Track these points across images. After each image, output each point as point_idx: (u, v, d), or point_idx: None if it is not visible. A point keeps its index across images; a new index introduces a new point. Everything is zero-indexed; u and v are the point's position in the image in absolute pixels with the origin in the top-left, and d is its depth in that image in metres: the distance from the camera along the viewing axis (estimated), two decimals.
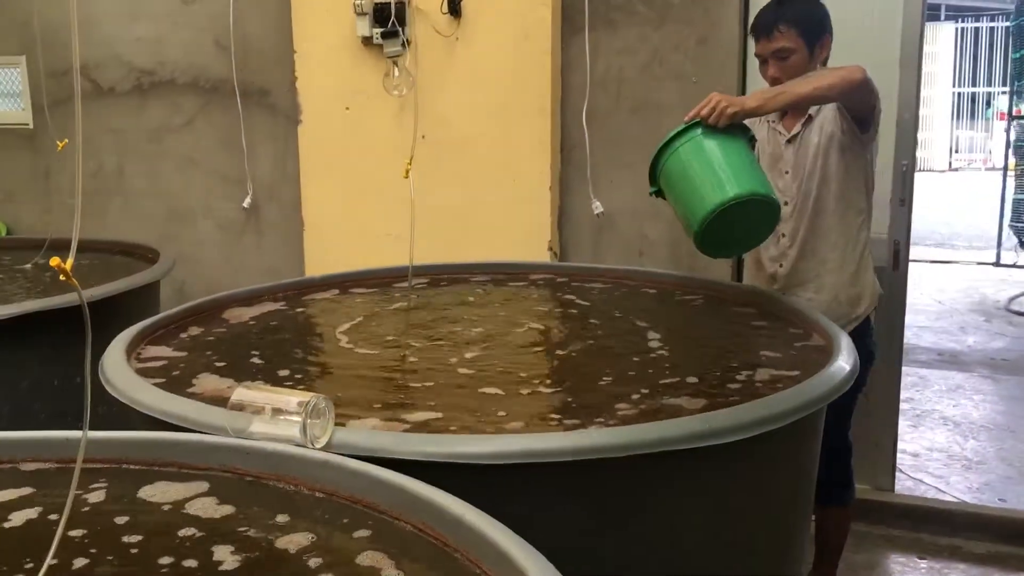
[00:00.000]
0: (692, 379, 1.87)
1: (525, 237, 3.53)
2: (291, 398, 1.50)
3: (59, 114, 4.22)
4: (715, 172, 2.14)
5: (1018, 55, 8.48)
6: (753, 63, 3.39)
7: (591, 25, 3.40)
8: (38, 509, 1.30)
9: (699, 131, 2.18)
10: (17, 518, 1.28)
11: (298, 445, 1.43)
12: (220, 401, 1.59)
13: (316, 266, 3.79)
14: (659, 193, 2.29)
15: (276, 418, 1.49)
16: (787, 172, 2.54)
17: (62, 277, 1.10)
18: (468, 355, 2.08)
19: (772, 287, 2.60)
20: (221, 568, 1.13)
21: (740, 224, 2.17)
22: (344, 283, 2.74)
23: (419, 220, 3.62)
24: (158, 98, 4.14)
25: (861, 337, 2.03)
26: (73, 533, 1.22)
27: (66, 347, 2.15)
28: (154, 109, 4.16)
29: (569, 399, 1.80)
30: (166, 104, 4.13)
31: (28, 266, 3.23)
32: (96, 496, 1.34)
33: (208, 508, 1.30)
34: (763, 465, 1.68)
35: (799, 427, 1.67)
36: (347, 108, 3.65)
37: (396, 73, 2.51)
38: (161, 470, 1.44)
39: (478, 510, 1.20)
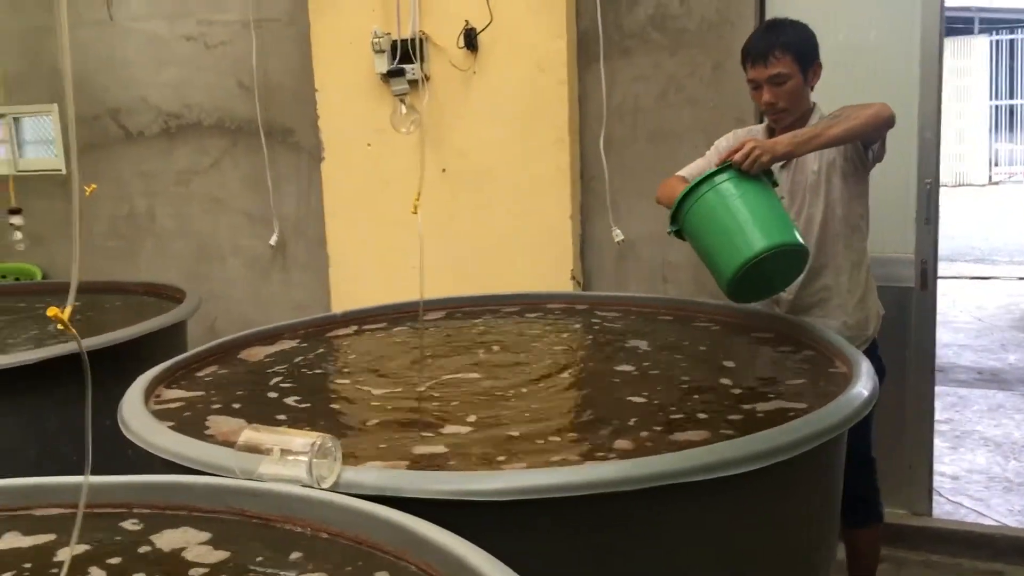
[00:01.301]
0: (714, 407, 1.85)
1: (548, 266, 3.54)
2: (298, 439, 1.51)
3: (90, 159, 4.34)
4: (748, 222, 2.16)
5: None
6: None
7: (606, 54, 3.41)
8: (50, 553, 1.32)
9: (728, 176, 2.20)
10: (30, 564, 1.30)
11: (305, 486, 1.44)
12: (231, 443, 1.60)
13: (342, 300, 3.82)
14: (678, 233, 2.30)
15: (284, 459, 1.50)
16: (782, 197, 2.51)
17: (59, 326, 1.12)
18: (484, 389, 2.08)
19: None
20: None
21: (770, 271, 2.19)
22: (363, 319, 2.75)
23: (440, 252, 3.65)
24: (185, 141, 4.22)
25: (870, 357, 2.01)
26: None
27: (93, 389, 2.19)
28: (181, 151, 4.24)
29: (586, 428, 1.79)
30: (193, 146, 4.21)
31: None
32: (103, 539, 1.35)
33: (210, 552, 1.31)
34: (783, 494, 1.66)
35: (820, 453, 1.64)
36: (368, 144, 3.69)
37: (403, 110, 2.51)
38: (171, 514, 1.45)
39: (481, 551, 1.19)
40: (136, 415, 1.81)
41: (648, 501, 1.44)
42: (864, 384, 1.81)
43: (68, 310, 1.13)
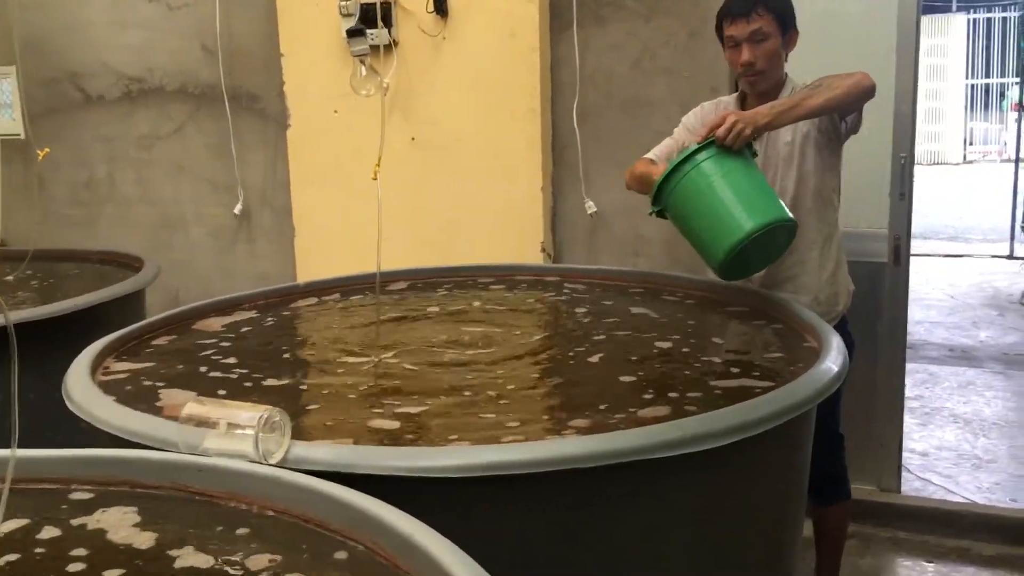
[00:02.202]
0: (682, 382, 1.80)
1: (518, 238, 3.47)
2: (245, 412, 1.44)
3: (49, 124, 4.21)
4: (736, 201, 2.10)
5: None
6: None
7: (579, 21, 3.33)
8: None
9: (711, 154, 2.13)
10: None
11: (252, 461, 1.38)
12: (177, 416, 1.53)
13: (307, 272, 3.74)
14: (660, 214, 2.23)
15: (230, 433, 1.43)
16: None
17: None
18: (444, 362, 2.02)
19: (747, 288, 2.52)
20: None
21: (759, 248, 2.14)
22: (324, 289, 2.68)
23: (408, 223, 3.58)
24: (147, 106, 4.10)
25: (840, 332, 1.98)
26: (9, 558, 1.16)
27: (44, 360, 2.11)
28: (143, 117, 4.12)
29: (552, 405, 1.74)
30: (155, 111, 4.09)
31: (10, 278, 3.19)
32: (37, 515, 1.28)
33: (139, 532, 1.25)
34: (751, 471, 1.61)
35: (788, 429, 1.59)
36: (335, 111, 3.59)
37: (363, 72, 2.42)
38: (113, 490, 1.38)
39: (431, 530, 1.14)
40: (80, 387, 1.74)
41: (607, 478, 1.39)
42: (833, 360, 1.77)
43: None
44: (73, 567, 1.14)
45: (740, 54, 2.38)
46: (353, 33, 2.70)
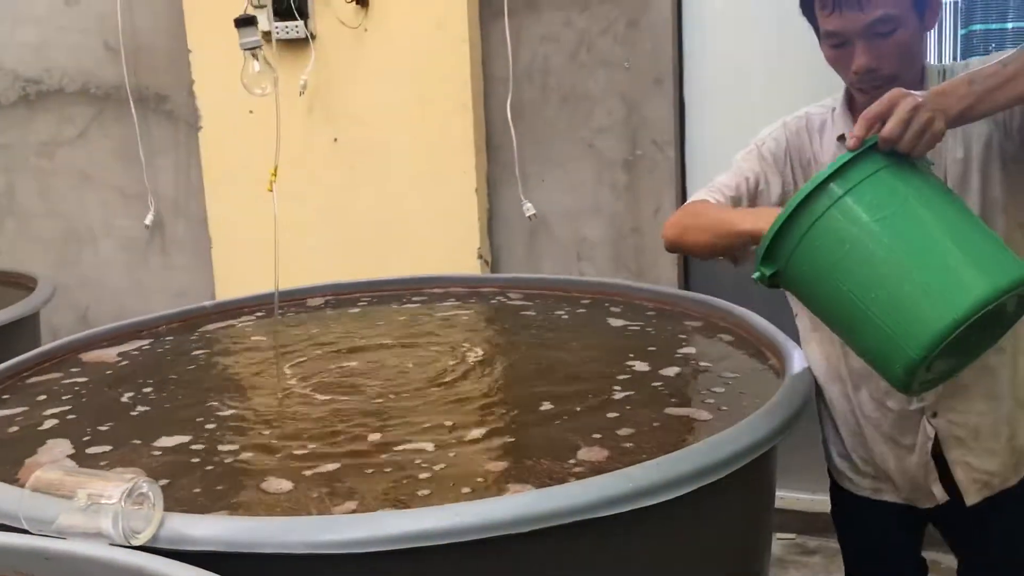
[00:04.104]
0: (629, 413, 1.58)
1: (453, 244, 3.23)
2: (108, 481, 1.18)
3: None
4: (940, 245, 1.26)
5: (966, 31, 8.35)
6: (695, 43, 3.11)
7: (511, 10, 3.09)
8: None
9: (875, 167, 1.29)
10: None
11: (112, 543, 1.12)
12: (28, 484, 1.26)
13: (227, 286, 3.46)
14: (774, 277, 1.37)
15: (91, 506, 1.17)
16: None
17: None
18: (369, 394, 1.78)
19: (892, 406, 1.66)
20: None
21: (973, 334, 1.27)
22: (236, 309, 2.41)
23: (334, 230, 3.32)
24: (46, 109, 3.77)
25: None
26: None
27: None
28: (43, 121, 3.79)
29: (477, 446, 1.50)
30: (56, 115, 3.77)
31: None
32: None
33: None
34: (709, 519, 1.40)
35: (752, 469, 1.38)
36: (251, 112, 3.30)
37: (256, 68, 2.15)
38: None
39: None
40: None
41: (540, 543, 1.16)
42: (797, 383, 1.55)
43: None
44: None
45: (852, 56, 1.52)
46: (242, 22, 2.45)
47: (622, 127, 3.10)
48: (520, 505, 1.17)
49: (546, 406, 1.65)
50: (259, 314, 2.41)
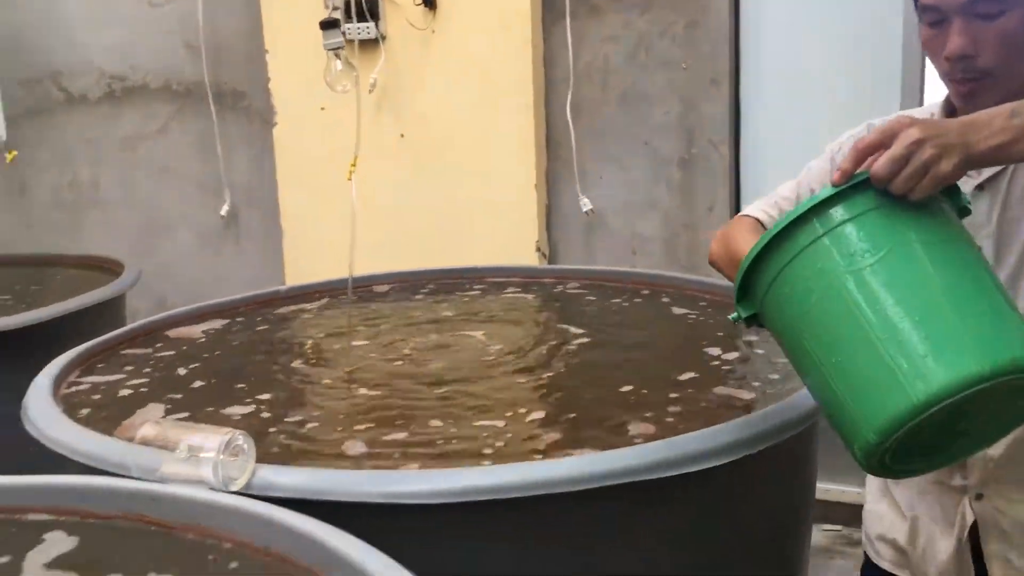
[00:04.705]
0: (681, 395, 1.68)
1: (512, 238, 3.36)
2: (204, 434, 1.33)
3: (31, 126, 4.10)
4: (915, 312, 1.02)
5: None
6: (750, 45, 3.19)
7: (573, 12, 3.21)
8: None
9: (863, 208, 1.07)
10: None
11: (212, 488, 1.26)
12: (132, 437, 1.41)
13: (296, 275, 3.62)
14: (752, 320, 1.20)
15: (190, 457, 1.32)
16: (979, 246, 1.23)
17: None
18: (432, 373, 1.91)
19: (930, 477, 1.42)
20: None
21: (969, 417, 1.08)
22: (309, 293, 2.57)
23: (397, 223, 3.47)
24: (131, 105, 3.99)
25: None
26: None
27: (14, 373, 2.01)
28: (127, 116, 4.00)
29: (534, 421, 1.62)
30: (139, 111, 3.98)
31: None
32: None
33: (100, 562, 1.14)
34: (749, 491, 1.50)
35: (790, 445, 1.48)
36: (323, 108, 3.48)
37: (339, 67, 2.30)
38: (61, 519, 1.27)
39: (394, 564, 1.03)
40: (37, 404, 1.63)
41: (590, 503, 1.28)
42: None
43: None
44: None
45: (946, 38, 1.28)
46: (326, 25, 2.58)
47: (678, 126, 3.20)
48: (571, 466, 1.28)
49: (611, 385, 1.76)
50: (328, 299, 2.56)
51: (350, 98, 3.36)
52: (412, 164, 3.42)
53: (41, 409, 1.59)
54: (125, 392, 1.84)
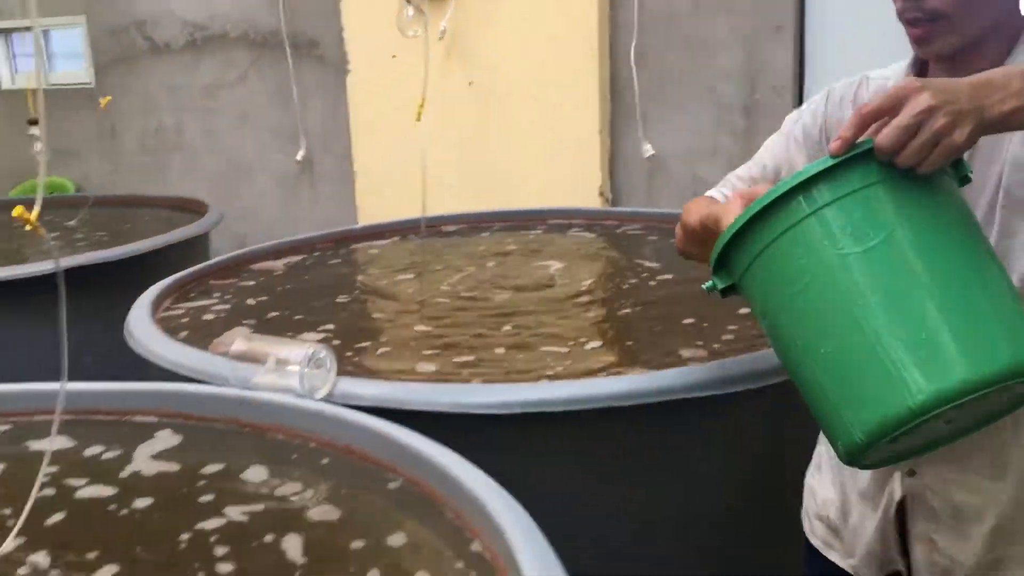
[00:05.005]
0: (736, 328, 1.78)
1: (576, 182, 3.45)
2: (292, 349, 1.47)
3: (118, 73, 4.30)
4: (913, 315, 0.91)
5: None
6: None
7: None
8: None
9: (866, 182, 0.94)
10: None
11: (298, 395, 1.41)
12: (228, 352, 1.57)
13: (367, 217, 3.78)
14: (730, 290, 1.08)
15: (278, 369, 1.47)
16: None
17: (27, 227, 1.08)
18: (498, 305, 2.03)
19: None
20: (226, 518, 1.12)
21: (961, 411, 0.94)
22: (381, 233, 2.71)
23: (465, 167, 3.58)
24: (211, 54, 4.16)
25: None
26: (76, 482, 1.22)
27: (111, 301, 2.21)
28: (208, 65, 4.18)
29: (596, 347, 1.73)
30: (219, 59, 4.15)
31: (72, 223, 3.29)
32: (93, 449, 1.34)
33: (201, 456, 1.30)
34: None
35: None
36: (394, 56, 3.59)
37: (410, 13, 2.40)
38: (166, 420, 1.44)
39: (469, 463, 1.16)
40: (140, 325, 1.79)
41: (641, 418, 1.39)
42: None
43: (36, 211, 1.09)
44: (126, 492, 1.20)
45: None
46: None
47: (742, 73, 3.23)
48: (623, 383, 1.40)
49: (672, 318, 1.86)
50: (399, 237, 2.70)
51: (421, 46, 3.47)
52: (479, 110, 3.52)
53: (144, 329, 1.76)
54: (212, 316, 2.00)
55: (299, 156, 4.04)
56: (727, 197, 1.32)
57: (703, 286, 1.11)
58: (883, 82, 1.24)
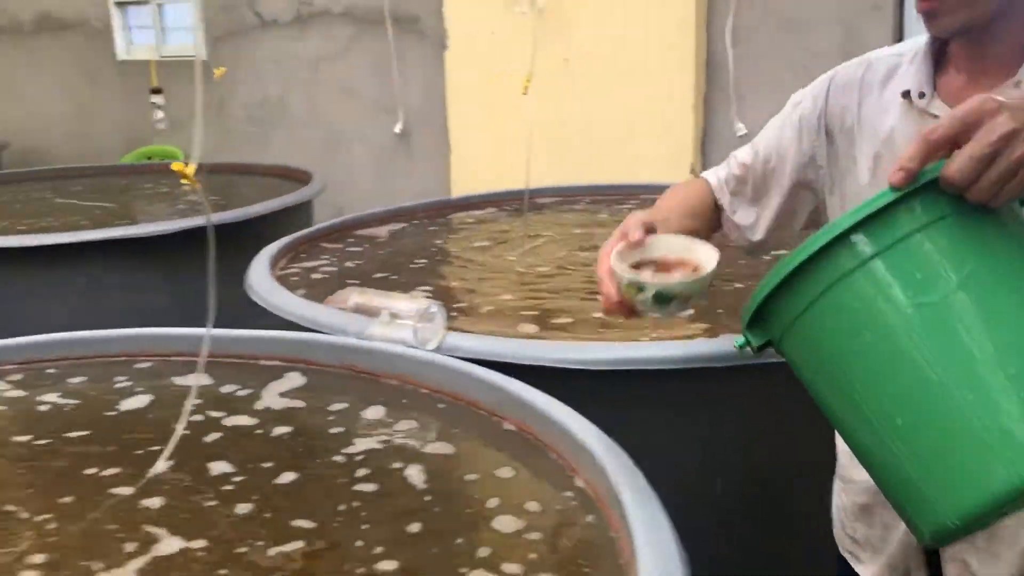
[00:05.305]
0: None
1: (667, 158, 3.50)
2: (405, 303, 1.59)
3: (228, 46, 4.50)
4: (1009, 374, 0.76)
5: None
6: None
7: None
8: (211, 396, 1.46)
9: (929, 218, 0.80)
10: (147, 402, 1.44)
11: (410, 346, 1.52)
12: (346, 307, 1.70)
13: (461, 189, 3.89)
14: (767, 347, 0.93)
15: (392, 322, 1.59)
16: None
17: (184, 181, 1.21)
18: (589, 275, 2.12)
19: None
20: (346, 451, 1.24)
21: None
22: (475, 204, 2.83)
23: (559, 143, 3.66)
24: (316, 28, 4.32)
25: None
26: (217, 413, 1.36)
27: (230, 259, 2.38)
28: (312, 39, 4.34)
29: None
30: (323, 34, 4.31)
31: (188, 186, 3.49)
32: (228, 387, 1.48)
33: (324, 397, 1.42)
34: None
35: None
36: (492, 32, 3.69)
37: None
38: (290, 365, 1.57)
39: (568, 408, 1.25)
40: (262, 281, 1.94)
41: (727, 378, 1.47)
42: None
43: (192, 167, 1.22)
44: (265, 421, 1.33)
45: None
46: None
47: (838, 51, 3.23)
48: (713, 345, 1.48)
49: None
50: (495, 209, 2.81)
51: (518, 23, 3.57)
52: (574, 86, 3.60)
53: (266, 285, 1.90)
54: (321, 276, 2.14)
55: (397, 129, 4.18)
56: (720, 180, 1.31)
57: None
58: (895, 59, 1.15)
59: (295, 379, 1.50)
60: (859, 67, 1.20)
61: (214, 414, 1.36)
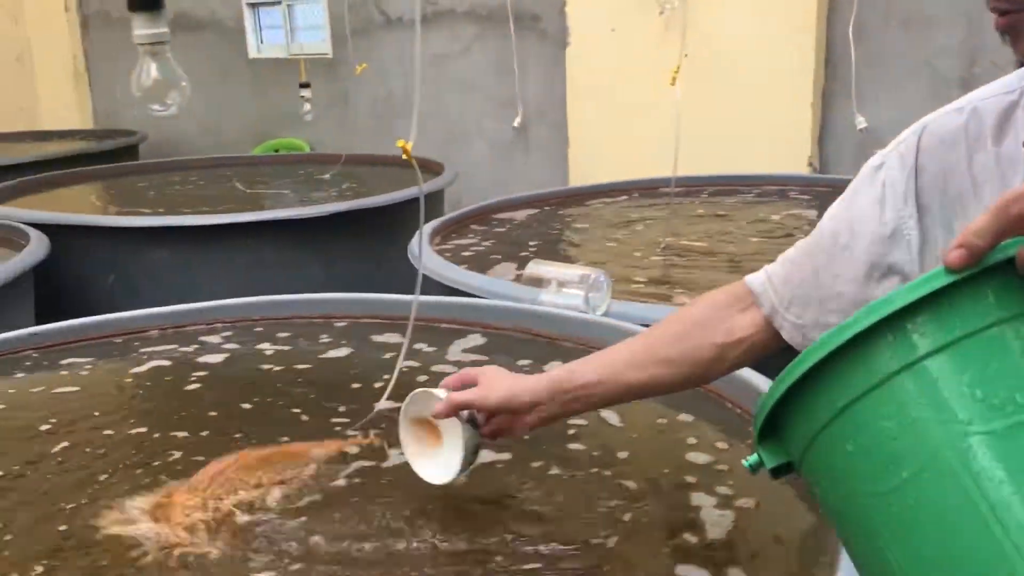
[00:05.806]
0: None
1: (786, 152, 3.58)
2: (576, 272, 1.75)
3: (355, 44, 4.73)
4: None
5: None
6: None
7: None
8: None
9: (1011, 318, 0.56)
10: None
11: (580, 312, 1.68)
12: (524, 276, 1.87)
13: (578, 180, 4.03)
14: (781, 470, 0.68)
15: (561, 290, 1.75)
16: None
17: (404, 156, 1.38)
18: (726, 253, 2.25)
19: None
20: None
21: None
22: (607, 192, 2.98)
23: (683, 137, 3.76)
24: (440, 27, 4.51)
25: None
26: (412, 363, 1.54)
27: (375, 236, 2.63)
28: (436, 37, 4.53)
29: None
30: (447, 32, 4.50)
31: (327, 176, 3.73)
32: (417, 346, 1.66)
33: (502, 354, 1.59)
34: None
35: None
36: (613, 30, 3.82)
37: None
38: (465, 328, 1.74)
39: None
40: (430, 256, 2.12)
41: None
42: None
43: (410, 143, 1.39)
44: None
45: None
46: None
47: (961, 47, 3.28)
48: None
49: None
50: (636, 194, 2.98)
51: (638, 20, 3.70)
52: (693, 81, 3.70)
53: (435, 259, 2.09)
54: (473, 253, 2.33)
55: (516, 123, 4.35)
56: (764, 278, 1.04)
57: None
58: (1005, 99, 0.87)
59: (477, 339, 1.67)
60: (958, 115, 0.90)
61: (409, 364, 1.54)
